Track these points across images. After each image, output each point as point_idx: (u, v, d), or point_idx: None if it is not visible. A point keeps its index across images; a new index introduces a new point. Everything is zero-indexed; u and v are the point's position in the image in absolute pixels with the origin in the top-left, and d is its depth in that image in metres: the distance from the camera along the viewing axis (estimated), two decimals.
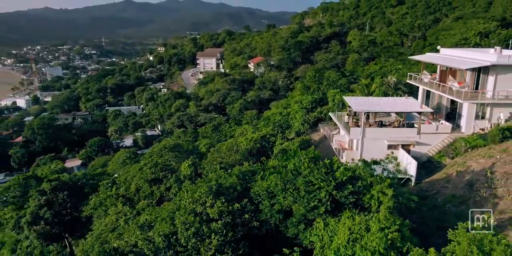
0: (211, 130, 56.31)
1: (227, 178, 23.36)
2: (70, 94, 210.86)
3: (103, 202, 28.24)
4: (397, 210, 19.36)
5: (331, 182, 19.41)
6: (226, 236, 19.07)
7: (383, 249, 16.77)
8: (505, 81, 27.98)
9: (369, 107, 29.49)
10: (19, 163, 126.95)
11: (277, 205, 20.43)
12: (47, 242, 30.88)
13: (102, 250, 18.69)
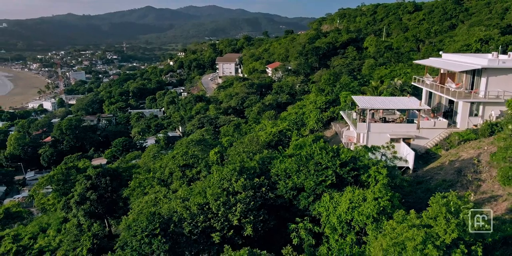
0: (233, 129, 61.18)
1: (249, 162, 27.83)
2: (94, 97, 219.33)
3: (141, 182, 33.01)
4: (390, 187, 23.46)
5: (336, 162, 23.68)
6: (248, 205, 23.47)
7: (376, 214, 20.97)
8: (495, 82, 31.64)
9: (373, 105, 33.60)
10: (48, 162, 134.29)
11: (291, 183, 24.78)
12: (92, 219, 35.81)
13: (149, 214, 23.26)
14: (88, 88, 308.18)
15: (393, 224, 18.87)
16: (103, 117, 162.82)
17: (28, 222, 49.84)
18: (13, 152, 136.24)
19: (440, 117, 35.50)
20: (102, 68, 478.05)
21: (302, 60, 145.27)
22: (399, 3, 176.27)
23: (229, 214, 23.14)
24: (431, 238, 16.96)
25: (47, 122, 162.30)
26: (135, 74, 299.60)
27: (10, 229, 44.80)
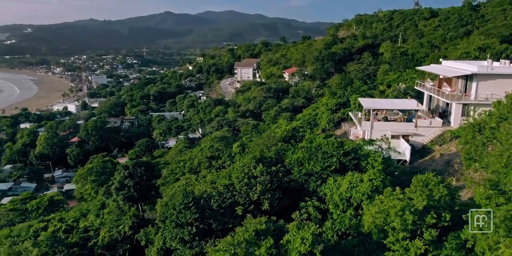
0: (251, 128, 66.65)
1: (267, 152, 32.98)
2: (116, 100, 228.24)
3: (173, 170, 38.38)
4: (387, 174, 28.28)
5: (340, 151, 28.69)
6: (266, 186, 28.65)
7: (370, 192, 25.90)
8: (484, 86, 35.93)
9: (375, 106, 38.33)
10: (75, 161, 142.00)
11: (304, 169, 29.89)
12: (129, 203, 41.47)
13: (184, 192, 28.60)
14: (109, 92, 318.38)
15: (382, 198, 23.81)
16: (126, 119, 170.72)
17: (68, 209, 56.02)
18: (43, 152, 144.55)
19: (436, 117, 39.94)
20: (123, 72, 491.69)
21: (318, 65, 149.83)
22: (415, 10, 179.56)
23: (250, 192, 28.38)
24: (409, 206, 21.84)
25: (73, 123, 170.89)
26: (155, 78, 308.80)
27: (55, 214, 51.04)
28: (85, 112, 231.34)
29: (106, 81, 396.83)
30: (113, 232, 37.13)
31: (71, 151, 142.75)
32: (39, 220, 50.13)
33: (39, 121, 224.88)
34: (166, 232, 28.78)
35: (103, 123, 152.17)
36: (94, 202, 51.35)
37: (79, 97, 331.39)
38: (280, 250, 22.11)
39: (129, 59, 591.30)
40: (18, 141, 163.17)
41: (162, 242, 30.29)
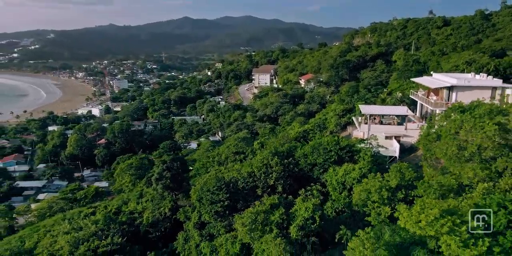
0: (268, 131, 75.23)
1: (281, 148, 41.49)
2: (138, 105, 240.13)
3: (204, 164, 47.05)
4: (375, 164, 36.42)
5: (337, 146, 37.07)
6: (280, 174, 37.19)
7: (359, 177, 34.16)
8: (462, 96, 43.48)
9: (372, 111, 46.36)
10: (102, 161, 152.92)
11: (308, 160, 38.36)
12: (167, 191, 50.35)
13: (217, 177, 37.24)
14: (131, 96, 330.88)
15: (366, 181, 32.10)
16: (149, 123, 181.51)
17: (108, 199, 65.47)
18: (73, 152, 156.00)
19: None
20: (143, 77, 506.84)
21: (333, 72, 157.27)
22: (429, 18, 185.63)
23: (268, 179, 36.97)
24: (385, 185, 30.10)
25: (100, 126, 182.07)
26: (175, 83, 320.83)
27: (100, 202, 60.56)
28: (109, 116, 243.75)
29: (127, 86, 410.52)
30: (155, 213, 46.15)
31: (99, 152, 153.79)
32: (87, 207, 59.79)
33: (66, 124, 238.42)
34: (202, 208, 37.58)
35: (128, 126, 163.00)
36: (133, 192, 60.56)
37: (101, 101, 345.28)
38: (289, 216, 30.61)
39: (148, 64, 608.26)
40: (49, 142, 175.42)
41: (197, 217, 39.18)
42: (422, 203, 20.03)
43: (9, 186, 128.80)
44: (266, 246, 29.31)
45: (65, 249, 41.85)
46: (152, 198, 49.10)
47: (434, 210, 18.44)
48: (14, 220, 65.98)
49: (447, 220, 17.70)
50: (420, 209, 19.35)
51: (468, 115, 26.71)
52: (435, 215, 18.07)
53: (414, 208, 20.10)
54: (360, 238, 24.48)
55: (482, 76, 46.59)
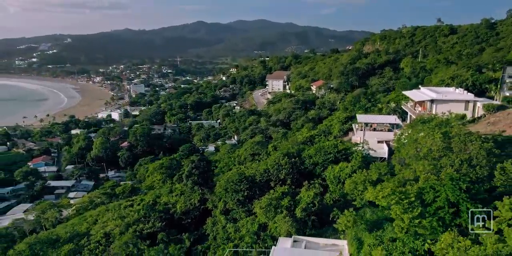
0: (281, 136, 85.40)
1: (290, 150, 51.54)
2: (157, 109, 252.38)
3: (227, 163, 57.05)
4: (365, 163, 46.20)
5: (335, 149, 47.01)
6: (289, 170, 47.25)
7: (350, 173, 44.01)
8: (441, 107, 52.64)
9: (366, 120, 55.99)
10: (125, 163, 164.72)
11: (312, 160, 48.39)
12: (195, 186, 60.70)
13: (239, 173, 47.44)
14: (148, 101, 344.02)
15: (355, 175, 41.93)
16: (169, 127, 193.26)
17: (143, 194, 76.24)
18: (98, 154, 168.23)
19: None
20: (158, 81, 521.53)
21: (343, 79, 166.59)
22: (437, 26, 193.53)
23: (279, 174, 47.11)
24: (368, 178, 39.87)
25: (122, 130, 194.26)
26: (191, 88, 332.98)
27: (136, 197, 71.43)
28: (128, 120, 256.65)
29: (143, 90, 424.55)
30: (187, 204, 56.63)
31: (122, 154, 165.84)
32: (126, 200, 70.72)
33: (88, 127, 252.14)
34: (227, 197, 47.86)
35: (149, 130, 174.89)
36: (164, 188, 71.14)
37: (119, 105, 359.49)
38: (295, 202, 40.69)
39: (164, 68, 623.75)
40: (75, 145, 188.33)
41: (223, 205, 49.47)
42: (381, 186, 29.82)
43: (42, 186, 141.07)
44: (278, 224, 39.42)
45: (116, 231, 52.65)
46: (181, 192, 59.60)
47: (387, 189, 28.19)
48: (60, 212, 77.15)
49: (396, 196, 27.47)
50: (380, 189, 29.15)
51: (425, 126, 36.07)
52: (388, 192, 27.83)
53: (376, 188, 29.87)
54: (346, 215, 34.50)
55: (460, 91, 55.77)
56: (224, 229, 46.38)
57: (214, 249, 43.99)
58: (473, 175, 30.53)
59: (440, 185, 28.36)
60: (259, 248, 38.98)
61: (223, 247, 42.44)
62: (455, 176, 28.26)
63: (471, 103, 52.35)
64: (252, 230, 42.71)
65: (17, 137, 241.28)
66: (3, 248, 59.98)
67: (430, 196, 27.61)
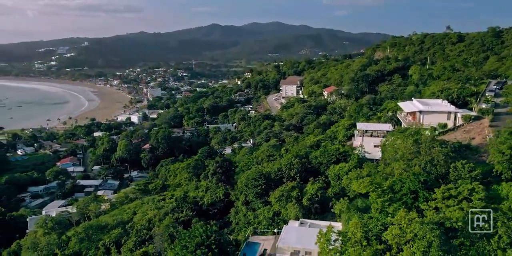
0: (293, 140, 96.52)
1: (300, 152, 62.85)
2: (175, 113, 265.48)
3: (247, 163, 68.26)
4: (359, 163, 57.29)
5: (337, 152, 58.25)
6: (298, 169, 58.62)
7: (347, 171, 55.27)
8: (427, 118, 63.04)
9: (364, 127, 66.70)
10: (147, 164, 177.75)
11: (318, 160, 59.73)
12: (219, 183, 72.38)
13: (257, 171, 58.85)
14: (165, 104, 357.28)
15: (350, 173, 53.10)
16: (187, 130, 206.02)
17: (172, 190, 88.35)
18: (122, 156, 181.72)
19: None
20: (174, 85, 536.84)
21: (353, 85, 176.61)
22: (445, 34, 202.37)
23: (290, 172, 58.52)
24: (359, 176, 50.97)
25: (144, 133, 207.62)
26: (207, 92, 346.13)
27: (167, 192, 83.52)
28: (148, 123, 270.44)
29: (160, 93, 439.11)
30: (213, 197, 68.39)
31: (144, 156, 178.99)
32: (158, 195, 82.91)
33: (109, 130, 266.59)
34: (248, 191, 59.35)
35: (169, 133, 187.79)
36: (190, 185, 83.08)
37: (137, 108, 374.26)
38: (302, 193, 52.00)
39: (179, 72, 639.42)
40: (99, 147, 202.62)
41: (244, 197, 61.02)
42: (362, 180, 41.00)
43: (72, 184, 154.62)
44: (288, 210, 50.80)
45: (155, 219, 64.63)
46: (207, 188, 71.45)
47: (366, 181, 39.34)
48: (100, 205, 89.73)
49: (372, 186, 38.63)
50: (361, 181, 40.32)
51: (401, 135, 46.86)
52: (366, 183, 39.00)
53: (358, 181, 40.98)
54: (340, 203, 45.74)
55: (445, 103, 66.09)
56: (245, 217, 57.93)
57: (237, 232, 55.48)
58: (434, 172, 41.48)
59: (405, 178, 39.49)
60: (273, 229, 50.42)
61: (245, 230, 53.96)
62: (417, 172, 39.39)
63: (453, 114, 62.58)
64: (268, 216, 54.14)
65: (43, 139, 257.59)
66: (59, 233, 72.64)
67: (398, 186, 38.74)
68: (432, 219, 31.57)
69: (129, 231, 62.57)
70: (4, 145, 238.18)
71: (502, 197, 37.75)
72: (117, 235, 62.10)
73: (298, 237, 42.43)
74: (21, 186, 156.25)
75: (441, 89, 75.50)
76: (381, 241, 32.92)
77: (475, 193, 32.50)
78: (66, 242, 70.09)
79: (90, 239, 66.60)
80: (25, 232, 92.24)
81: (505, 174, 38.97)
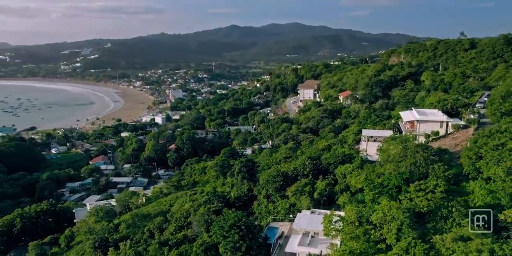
0: (308, 143, 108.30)
1: (313, 154, 74.53)
2: (197, 115, 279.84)
3: (268, 163, 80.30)
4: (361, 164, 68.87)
5: (343, 154, 69.93)
6: (311, 168, 70.55)
7: (351, 170, 66.99)
8: (423, 126, 73.71)
9: (369, 134, 77.91)
10: (173, 163, 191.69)
11: (327, 161, 71.58)
12: (244, 180, 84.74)
13: (277, 170, 70.85)
14: (187, 105, 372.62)
15: (353, 172, 64.76)
16: (210, 132, 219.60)
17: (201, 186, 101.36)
18: (150, 155, 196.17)
19: None
20: (195, 86, 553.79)
21: (367, 90, 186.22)
22: (459, 40, 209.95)
23: (304, 170, 70.51)
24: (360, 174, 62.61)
25: (170, 134, 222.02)
26: (227, 94, 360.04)
27: (197, 187, 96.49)
28: (172, 124, 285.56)
29: (182, 95, 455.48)
30: (239, 192, 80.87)
31: (170, 156, 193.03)
32: (190, 190, 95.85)
33: (135, 130, 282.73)
34: (268, 186, 71.56)
35: (193, 134, 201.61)
36: (217, 182, 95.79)
37: (160, 109, 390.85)
38: (314, 188, 63.95)
39: (199, 73, 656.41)
40: (128, 147, 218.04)
41: (265, 192, 73.28)
42: (359, 177, 52.64)
43: (106, 181, 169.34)
44: (302, 202, 62.76)
45: (191, 209, 77.44)
46: (232, 184, 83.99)
47: (362, 177, 51.02)
48: (139, 198, 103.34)
49: (366, 182, 50.26)
50: (358, 179, 52.00)
51: (392, 142, 58.00)
52: (362, 179, 50.67)
53: (356, 178, 52.70)
54: (343, 196, 57.52)
55: (439, 113, 76.67)
56: (266, 207, 70.18)
57: (260, 220, 67.74)
58: (417, 172, 52.84)
59: (392, 176, 51.09)
60: (289, 217, 62.51)
61: (266, 218, 66.21)
62: (402, 171, 50.94)
63: (445, 123, 73.08)
64: (285, 207, 66.24)
65: (75, 139, 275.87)
66: (107, 221, 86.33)
67: (386, 182, 50.37)
68: (405, 206, 43.18)
69: (169, 219, 75.51)
70: (40, 144, 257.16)
71: (468, 192, 48.97)
72: (159, 222, 75.13)
73: (308, 221, 54.36)
74: (60, 182, 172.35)
75: (439, 100, 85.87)
76: (369, 223, 44.64)
77: (438, 188, 43.79)
78: (114, 229, 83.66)
79: (135, 225, 79.95)
80: (71, 221, 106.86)
81: (471, 174, 50.01)
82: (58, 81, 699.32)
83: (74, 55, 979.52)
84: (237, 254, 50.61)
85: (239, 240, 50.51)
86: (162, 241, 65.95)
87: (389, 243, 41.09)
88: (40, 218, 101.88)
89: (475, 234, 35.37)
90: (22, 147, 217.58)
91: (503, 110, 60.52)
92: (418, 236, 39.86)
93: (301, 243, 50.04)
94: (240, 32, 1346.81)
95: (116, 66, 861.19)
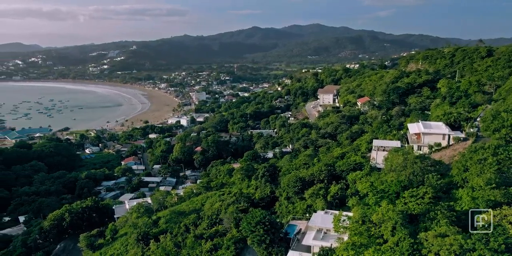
0: (325, 149, 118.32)
1: (328, 161, 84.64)
2: (220, 118, 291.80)
3: (288, 168, 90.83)
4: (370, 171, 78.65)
5: (354, 162, 79.89)
6: (326, 174, 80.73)
7: (361, 177, 76.96)
8: (427, 138, 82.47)
9: (378, 144, 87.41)
10: (199, 165, 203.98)
11: (341, 168, 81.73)
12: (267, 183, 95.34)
13: (296, 175, 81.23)
14: (210, 108, 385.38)
15: (363, 179, 74.73)
16: (233, 135, 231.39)
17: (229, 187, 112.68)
18: (177, 157, 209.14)
19: None
20: (217, 88, 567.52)
21: (385, 97, 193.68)
22: (476, 47, 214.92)
23: (320, 176, 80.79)
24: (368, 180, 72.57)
25: (197, 137, 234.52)
26: (249, 97, 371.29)
27: (225, 189, 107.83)
28: (197, 126, 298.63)
29: (205, 97, 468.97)
30: (262, 193, 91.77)
31: (197, 157, 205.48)
32: (219, 191, 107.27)
33: (162, 132, 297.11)
34: (289, 189, 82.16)
35: (218, 137, 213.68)
36: (243, 184, 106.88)
37: (185, 111, 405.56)
38: (327, 192, 74.21)
39: (222, 76, 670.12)
40: (157, 148, 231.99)
41: (286, 194, 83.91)
42: (364, 184, 62.59)
43: (138, 180, 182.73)
44: (317, 204, 73.09)
45: (221, 208, 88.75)
46: (256, 186, 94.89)
47: (368, 183, 60.92)
48: (173, 197, 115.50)
49: (371, 188, 60.16)
50: (364, 185, 61.97)
51: (395, 153, 67.48)
52: (368, 184, 60.60)
53: (363, 184, 62.68)
54: (352, 199, 67.65)
55: (443, 126, 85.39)
56: (286, 208, 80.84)
57: (281, 218, 78.38)
58: (415, 180, 62.49)
59: (392, 184, 60.95)
60: (306, 216, 72.94)
61: (286, 216, 76.84)
62: (401, 179, 60.76)
63: (447, 135, 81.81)
64: (303, 207, 76.73)
65: (106, 140, 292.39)
66: (148, 216, 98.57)
67: (387, 188, 60.30)
68: (400, 208, 53.13)
69: (202, 216, 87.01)
70: (75, 144, 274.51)
71: (457, 198, 58.41)
72: (193, 218, 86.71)
73: (322, 220, 64.68)
74: (96, 180, 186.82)
75: (444, 113, 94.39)
76: (371, 222, 54.71)
77: (426, 194, 53.51)
78: (153, 224, 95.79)
79: (172, 220, 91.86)
80: (111, 216, 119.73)
81: (459, 183, 59.37)
82: (87, 82, 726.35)
83: (101, 57, 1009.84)
84: (262, 246, 61.51)
85: (264, 234, 61.32)
86: (197, 235, 77.39)
87: (385, 238, 51.10)
88: (86, 213, 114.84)
89: (451, 232, 45.08)
90: (60, 147, 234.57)
91: (492, 128, 68.99)
92: (409, 233, 49.73)
93: (316, 238, 60.44)
94: (261, 33, 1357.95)
95: (141, 68, 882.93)
